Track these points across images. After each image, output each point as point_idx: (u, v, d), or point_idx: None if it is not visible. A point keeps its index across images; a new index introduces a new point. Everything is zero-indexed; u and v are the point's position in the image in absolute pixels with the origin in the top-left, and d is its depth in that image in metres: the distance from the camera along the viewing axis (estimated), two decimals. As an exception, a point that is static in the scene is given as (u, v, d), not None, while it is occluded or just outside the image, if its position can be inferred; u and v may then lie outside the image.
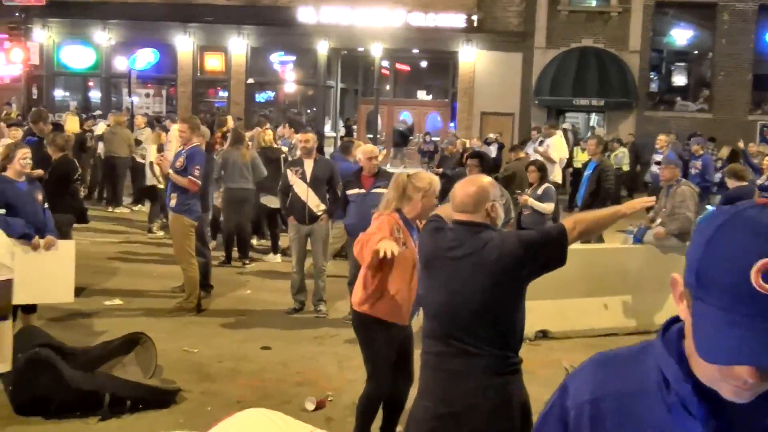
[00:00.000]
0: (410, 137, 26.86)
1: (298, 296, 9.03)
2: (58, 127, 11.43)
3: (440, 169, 12.43)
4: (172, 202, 8.60)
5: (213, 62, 27.63)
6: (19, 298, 6.47)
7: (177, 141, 13.55)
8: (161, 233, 12.88)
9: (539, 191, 9.71)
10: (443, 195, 4.95)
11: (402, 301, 5.02)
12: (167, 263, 10.44)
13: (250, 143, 11.95)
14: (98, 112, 23.57)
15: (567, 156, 15.52)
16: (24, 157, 6.93)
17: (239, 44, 26.56)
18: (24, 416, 5.54)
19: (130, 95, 25.34)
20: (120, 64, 27.07)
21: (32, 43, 23.35)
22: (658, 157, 14.80)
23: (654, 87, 25.97)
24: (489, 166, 8.17)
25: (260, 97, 28.47)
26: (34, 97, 23.92)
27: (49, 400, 5.60)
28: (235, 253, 11.31)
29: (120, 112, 20.86)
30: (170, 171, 8.60)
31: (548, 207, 9.63)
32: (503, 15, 25.23)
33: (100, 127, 17.91)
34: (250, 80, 27.14)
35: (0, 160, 7.09)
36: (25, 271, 6.49)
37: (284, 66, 27.62)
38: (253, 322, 8.63)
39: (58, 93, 28.95)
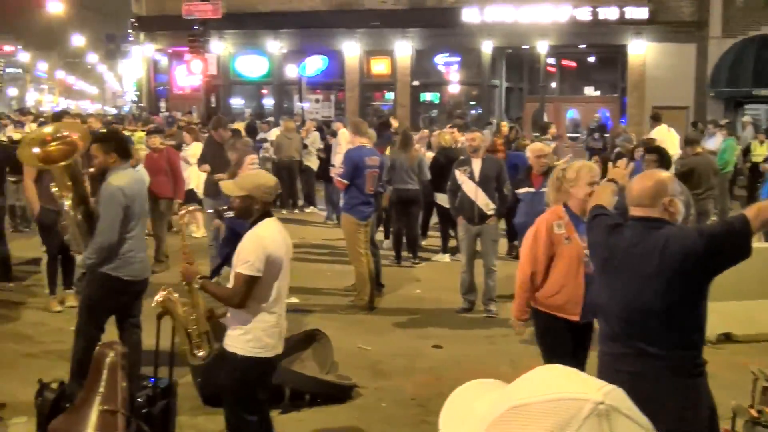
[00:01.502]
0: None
1: (467, 296, 9.04)
2: (236, 133, 11.98)
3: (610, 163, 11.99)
4: (341, 202, 8.89)
5: (379, 66, 28.11)
6: None
7: (345, 143, 13.96)
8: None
9: None
10: None
11: (569, 295, 5.01)
12: (341, 262, 10.73)
13: (417, 145, 12.10)
14: (271, 119, 24.51)
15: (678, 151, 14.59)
16: (252, 162, 7.37)
17: (404, 47, 26.88)
18: (211, 407, 5.82)
19: (300, 101, 26.24)
20: (291, 71, 28.05)
21: (210, 54, 24.55)
22: None
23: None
24: (669, 161, 7.85)
25: (425, 98, 28.68)
26: (213, 105, 25.15)
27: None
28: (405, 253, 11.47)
29: (291, 117, 21.64)
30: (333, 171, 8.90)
31: None
32: (675, 5, 24.22)
33: (273, 133, 18.63)
34: (415, 82, 27.39)
35: (233, 166, 7.55)
36: None
37: (449, 67, 27.69)
38: (424, 320, 8.72)
39: (235, 101, 30.33)
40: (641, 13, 24.03)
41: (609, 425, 1.09)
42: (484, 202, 8.69)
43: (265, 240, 4.49)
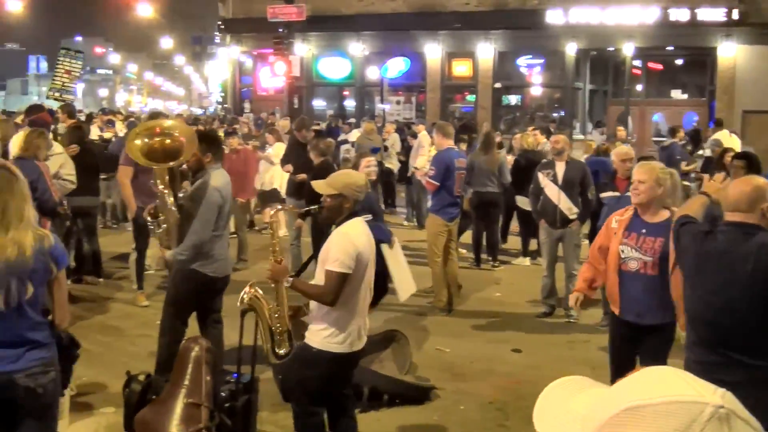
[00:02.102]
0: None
1: (548, 300, 8.95)
2: (319, 134, 12.11)
3: (705, 174, 11.56)
4: (429, 203, 8.92)
5: (461, 68, 28.02)
6: (405, 291, 7.63)
7: (427, 145, 13.97)
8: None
9: None
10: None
11: (610, 288, 5.21)
12: (420, 264, 10.73)
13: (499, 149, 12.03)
14: (352, 120, 24.68)
15: None
16: (368, 165, 7.45)
17: (487, 49, 26.74)
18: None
19: (382, 103, 26.35)
20: (373, 73, 28.20)
21: (294, 56, 24.87)
22: None
23: None
24: (759, 166, 7.62)
25: (507, 100, 28.48)
26: (296, 106, 25.47)
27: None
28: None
29: (372, 119, 21.76)
30: (418, 173, 8.90)
31: None
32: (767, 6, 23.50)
33: (354, 134, 18.76)
34: (497, 84, 27.22)
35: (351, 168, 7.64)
36: (398, 266, 7.55)
37: (531, 69, 27.43)
38: (503, 324, 8.67)
39: (317, 103, 30.66)
40: (732, 14, 23.36)
41: (729, 429, 1.08)
42: (566, 206, 8.58)
43: (355, 238, 4.54)
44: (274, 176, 12.63)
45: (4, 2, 24.76)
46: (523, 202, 10.94)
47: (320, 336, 4.58)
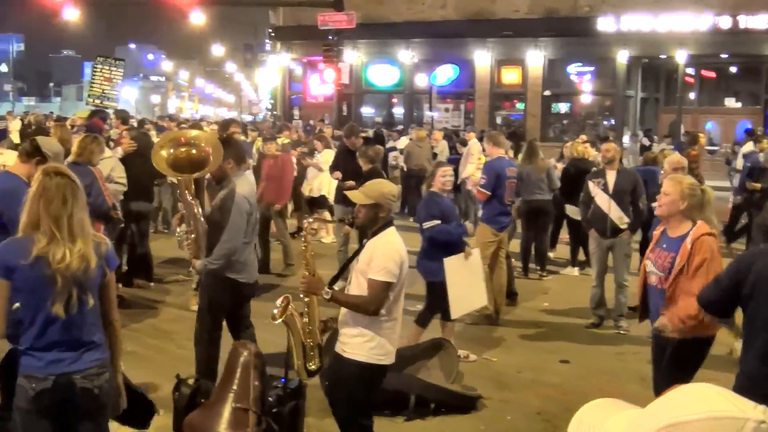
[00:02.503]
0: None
1: (597, 311, 8.85)
2: (368, 141, 12.15)
3: (758, 185, 11.30)
4: (479, 212, 8.87)
5: (510, 75, 27.92)
6: (459, 308, 7.24)
7: (477, 153, 13.92)
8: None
9: None
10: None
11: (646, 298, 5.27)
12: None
13: (543, 156, 11.94)
14: (400, 127, 24.71)
15: None
16: (444, 174, 7.31)
17: (536, 56, 26.61)
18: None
19: (430, 110, 26.36)
20: (421, 80, 28.25)
21: (343, 63, 24.98)
22: None
23: None
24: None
25: (557, 108, 28.30)
26: (344, 113, 25.61)
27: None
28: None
29: (421, 127, 21.76)
30: (468, 182, 8.85)
31: None
32: (825, 11, 22.99)
33: (403, 142, 18.77)
34: (547, 92, 27.07)
35: (428, 178, 7.56)
36: (461, 281, 7.12)
37: (581, 76, 27.22)
38: (551, 334, 8.59)
39: (365, 110, 30.80)
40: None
41: None
42: (617, 215, 8.47)
43: (398, 246, 4.54)
44: (323, 183, 12.70)
45: (61, 10, 25.23)
46: (572, 211, 10.83)
47: (365, 348, 4.50)
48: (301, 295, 4.68)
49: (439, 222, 7.12)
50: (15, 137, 18.04)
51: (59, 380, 3.56)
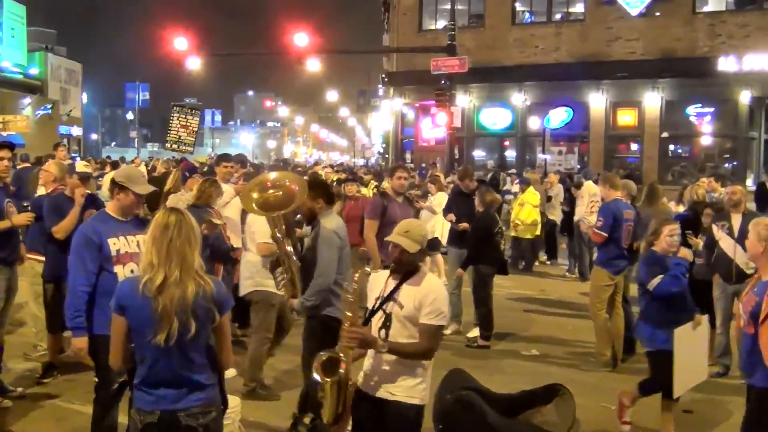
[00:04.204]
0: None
1: (722, 359, 8.48)
2: (482, 184, 12.10)
3: None
4: (595, 255, 8.67)
5: (625, 117, 27.42)
6: (683, 384, 6.50)
7: (587, 195, 13.68)
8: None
9: None
10: None
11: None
12: (581, 317, 10.46)
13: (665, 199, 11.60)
14: (512, 171, 24.55)
15: None
16: (671, 233, 6.67)
17: (653, 98, 26.07)
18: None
19: (543, 153, 26.10)
20: (534, 123, 28.06)
21: (455, 107, 25.10)
22: None
23: None
24: None
25: (674, 150, 27.56)
26: (456, 157, 25.63)
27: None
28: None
29: (534, 170, 21.55)
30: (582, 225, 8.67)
31: None
32: None
33: (517, 185, 18.64)
34: (664, 134, 26.42)
35: (650, 235, 6.89)
36: (688, 354, 6.46)
37: (701, 118, 26.44)
38: (672, 383, 8.24)
39: (477, 153, 30.78)
40: None
41: None
42: (743, 260, 8.12)
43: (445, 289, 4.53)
44: (436, 225, 12.70)
45: (185, 60, 26.46)
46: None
47: (419, 391, 4.44)
48: (344, 346, 4.41)
49: (661, 276, 6.55)
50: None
51: (164, 416, 3.70)
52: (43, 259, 7.87)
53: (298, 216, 9.29)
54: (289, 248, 5.92)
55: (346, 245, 6.21)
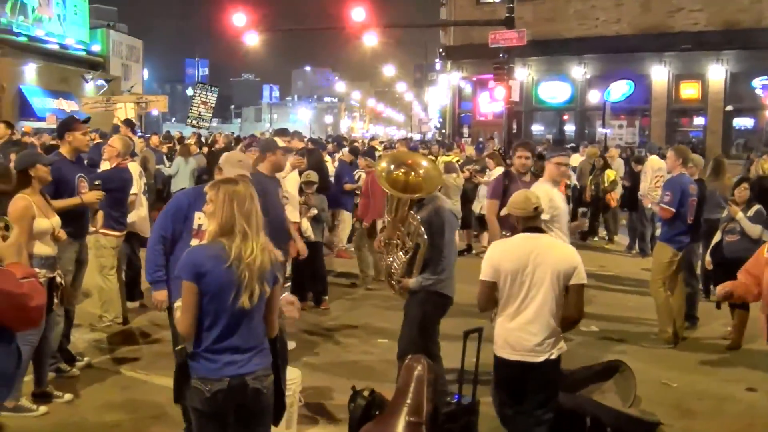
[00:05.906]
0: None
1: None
2: (540, 158, 11.97)
3: None
4: (659, 231, 8.54)
5: (688, 90, 26.85)
6: None
7: (651, 171, 13.44)
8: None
9: (750, 213, 8.69)
10: None
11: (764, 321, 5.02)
12: (642, 293, 10.34)
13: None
14: (571, 145, 24.22)
15: None
16: None
17: (717, 70, 25.46)
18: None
19: (603, 127, 25.72)
20: (594, 97, 27.64)
21: (513, 81, 24.77)
22: None
23: None
24: None
25: (739, 124, 26.90)
26: (514, 131, 25.35)
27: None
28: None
29: (593, 144, 21.23)
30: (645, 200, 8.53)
31: (755, 230, 8.60)
32: None
33: (575, 159, 18.38)
34: (729, 107, 25.80)
35: None
36: None
37: (766, 91, 25.75)
38: (735, 360, 8.14)
39: (535, 127, 30.45)
40: None
41: None
42: (810, 235, 7.95)
43: None
44: (492, 201, 12.64)
45: (243, 36, 26.60)
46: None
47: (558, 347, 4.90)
48: None
49: None
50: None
51: (233, 382, 3.75)
52: (108, 232, 8.06)
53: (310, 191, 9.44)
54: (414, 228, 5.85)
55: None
